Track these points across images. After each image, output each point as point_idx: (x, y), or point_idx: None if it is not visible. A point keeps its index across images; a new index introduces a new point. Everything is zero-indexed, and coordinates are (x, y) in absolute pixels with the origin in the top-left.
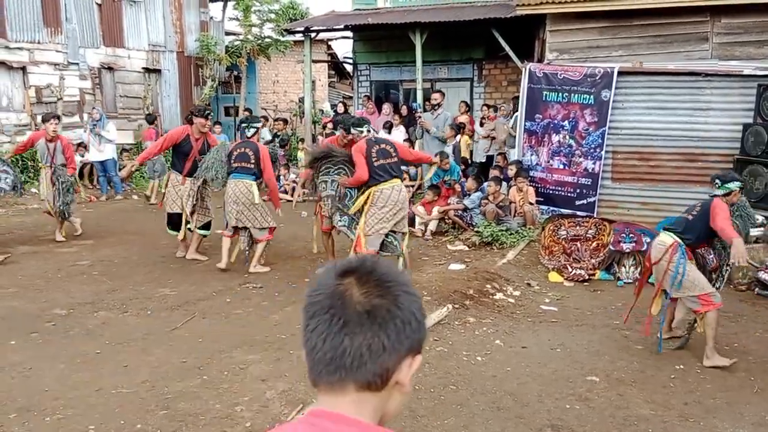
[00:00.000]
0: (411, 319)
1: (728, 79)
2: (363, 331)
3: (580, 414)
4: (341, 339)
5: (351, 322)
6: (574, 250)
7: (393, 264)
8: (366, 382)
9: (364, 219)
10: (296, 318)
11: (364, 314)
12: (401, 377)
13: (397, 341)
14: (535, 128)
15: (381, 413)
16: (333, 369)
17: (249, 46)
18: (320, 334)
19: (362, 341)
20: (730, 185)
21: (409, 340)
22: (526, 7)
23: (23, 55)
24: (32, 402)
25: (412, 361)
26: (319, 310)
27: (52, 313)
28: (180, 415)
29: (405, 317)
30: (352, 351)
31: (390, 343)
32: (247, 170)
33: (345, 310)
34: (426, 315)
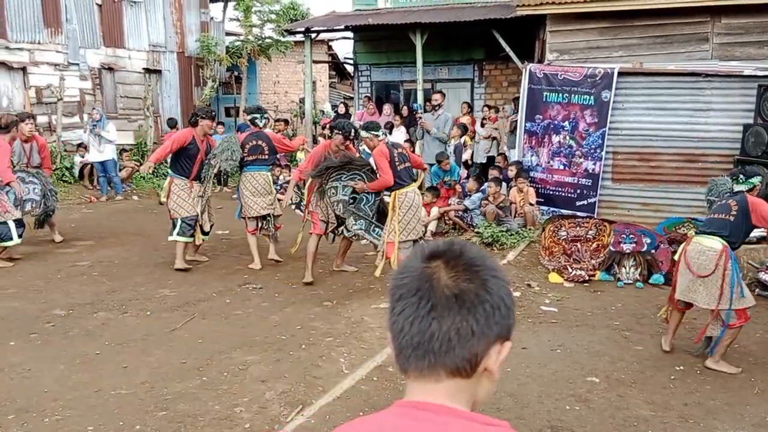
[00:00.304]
0: (500, 305)
1: (728, 80)
2: (451, 315)
3: (580, 415)
4: (429, 322)
5: (439, 306)
6: (575, 251)
7: (482, 249)
8: (455, 368)
9: (397, 226)
10: (296, 319)
11: (452, 298)
12: (490, 364)
13: (486, 326)
14: (535, 129)
15: (472, 401)
16: (421, 354)
17: (249, 46)
18: (407, 318)
19: (450, 325)
20: (753, 180)
21: (498, 325)
22: (527, 7)
23: (23, 55)
24: (31, 403)
25: (501, 348)
26: (407, 293)
27: (51, 313)
28: (179, 416)
29: (494, 302)
30: (440, 335)
31: (479, 328)
32: (263, 162)
33: (433, 293)
34: (515, 302)
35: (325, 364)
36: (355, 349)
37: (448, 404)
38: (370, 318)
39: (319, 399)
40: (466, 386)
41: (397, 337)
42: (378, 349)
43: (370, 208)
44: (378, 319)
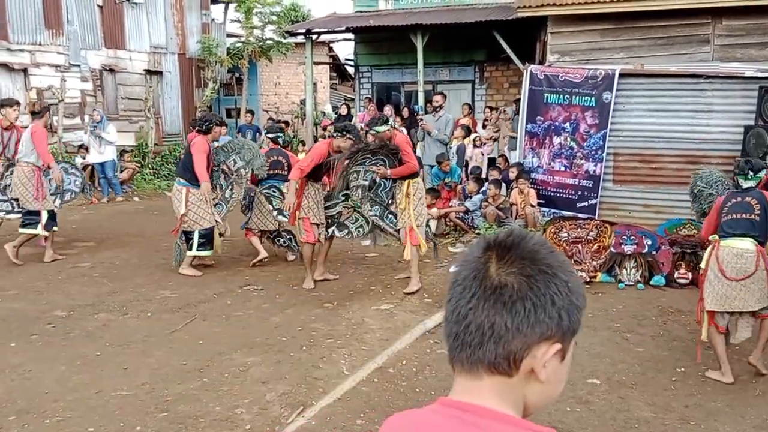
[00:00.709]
0: (545, 303)
1: (730, 81)
2: (487, 307)
3: (581, 417)
4: (466, 313)
5: (478, 297)
6: (576, 252)
7: (545, 242)
8: (492, 365)
9: (413, 211)
10: (297, 320)
11: (491, 290)
12: (535, 365)
13: (523, 324)
14: (536, 130)
15: (521, 404)
16: (459, 345)
17: (250, 48)
18: (452, 306)
19: (485, 318)
20: (761, 174)
21: (541, 325)
22: (527, 9)
23: (24, 56)
24: (32, 404)
25: (548, 349)
26: (456, 282)
27: (52, 315)
28: (180, 418)
29: (537, 300)
30: (474, 327)
31: (513, 325)
32: (282, 177)
33: (477, 284)
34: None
35: (325, 365)
36: (356, 350)
37: (493, 406)
38: (370, 319)
39: (319, 400)
40: (509, 387)
41: (445, 325)
42: (378, 351)
43: (386, 194)
44: (379, 320)
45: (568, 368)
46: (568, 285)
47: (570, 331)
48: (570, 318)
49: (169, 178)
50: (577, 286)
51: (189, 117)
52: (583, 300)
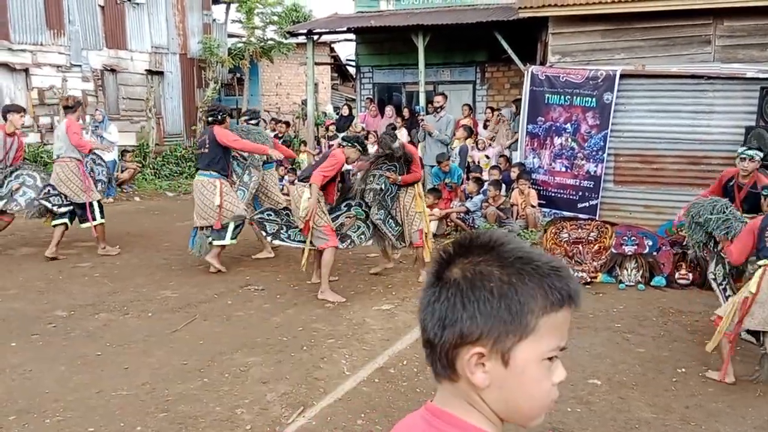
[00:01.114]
0: (458, 305)
1: (731, 82)
2: (421, 308)
3: (581, 417)
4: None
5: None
6: (576, 253)
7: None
8: (432, 368)
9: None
10: (298, 320)
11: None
12: (460, 368)
13: (438, 325)
14: (537, 131)
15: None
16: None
17: (252, 48)
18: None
19: (420, 317)
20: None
21: (456, 327)
22: (529, 9)
23: (26, 56)
24: (32, 404)
25: (467, 352)
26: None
27: (52, 314)
28: (180, 418)
29: (452, 301)
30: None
31: (431, 326)
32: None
33: (430, 287)
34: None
35: (326, 365)
36: (357, 350)
37: (455, 411)
38: (371, 320)
39: (320, 400)
40: (460, 392)
41: None
42: (379, 351)
43: (391, 200)
44: (380, 320)
45: (530, 375)
46: (496, 287)
47: (502, 334)
48: (496, 321)
49: (170, 178)
50: (506, 291)
51: (190, 117)
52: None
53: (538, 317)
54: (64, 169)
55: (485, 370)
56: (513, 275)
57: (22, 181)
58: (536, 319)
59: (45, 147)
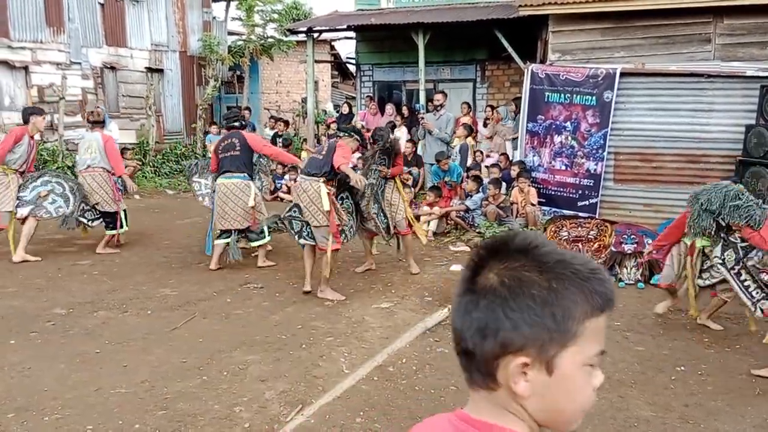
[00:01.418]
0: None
1: (731, 81)
2: (455, 316)
3: None
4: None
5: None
6: (576, 251)
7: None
8: (469, 379)
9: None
10: (297, 318)
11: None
12: (506, 379)
13: (479, 334)
14: (537, 129)
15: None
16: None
17: (252, 46)
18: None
19: (455, 326)
20: None
21: (500, 336)
22: (529, 8)
23: (26, 54)
24: (31, 402)
25: (511, 362)
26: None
27: (52, 312)
28: (179, 416)
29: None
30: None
31: (470, 335)
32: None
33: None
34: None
35: (325, 363)
36: (356, 348)
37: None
38: (371, 318)
39: (319, 398)
40: (499, 400)
41: None
42: (378, 349)
43: (381, 193)
44: (379, 318)
45: (573, 382)
46: (537, 295)
47: (547, 342)
48: (540, 329)
49: (170, 176)
50: (558, 295)
51: (190, 115)
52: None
53: (580, 323)
54: (96, 179)
55: (528, 378)
56: (553, 280)
57: (51, 189)
58: (578, 325)
59: (44, 145)
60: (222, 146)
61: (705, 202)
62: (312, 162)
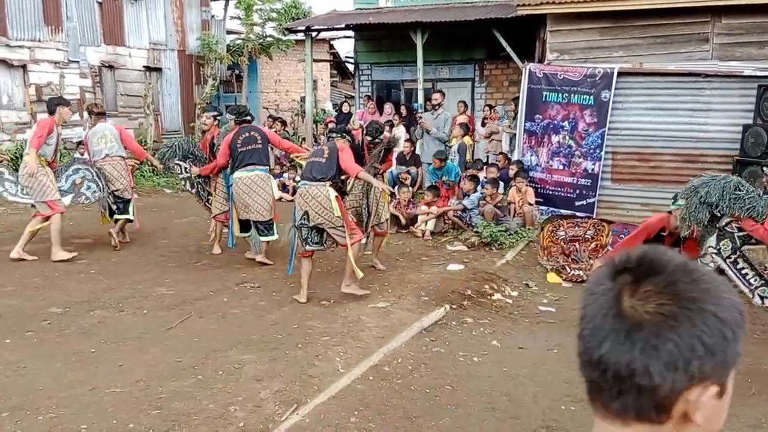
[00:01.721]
0: (694, 344)
1: (728, 80)
2: (623, 351)
3: (575, 415)
4: (599, 358)
5: (611, 339)
6: (573, 251)
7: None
8: (638, 413)
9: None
10: (293, 318)
11: (625, 332)
12: (689, 410)
13: (667, 370)
14: (534, 129)
15: None
16: (596, 390)
17: (250, 45)
18: (585, 344)
19: (622, 365)
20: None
21: (690, 368)
22: (527, 7)
23: (24, 53)
24: (26, 401)
25: (702, 392)
26: (584, 318)
27: (48, 311)
28: (173, 415)
29: (681, 341)
30: (611, 374)
31: (657, 372)
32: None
33: (608, 322)
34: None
35: (320, 363)
36: (352, 348)
37: None
38: (367, 317)
39: (314, 398)
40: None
41: (579, 363)
42: (374, 349)
43: (371, 192)
44: (375, 318)
45: (728, 400)
46: (717, 317)
47: (725, 367)
48: (725, 354)
49: (168, 175)
50: (729, 315)
51: (188, 114)
52: (738, 328)
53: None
54: (116, 167)
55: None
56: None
57: (83, 175)
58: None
59: None
60: (242, 140)
61: (704, 195)
62: (315, 167)
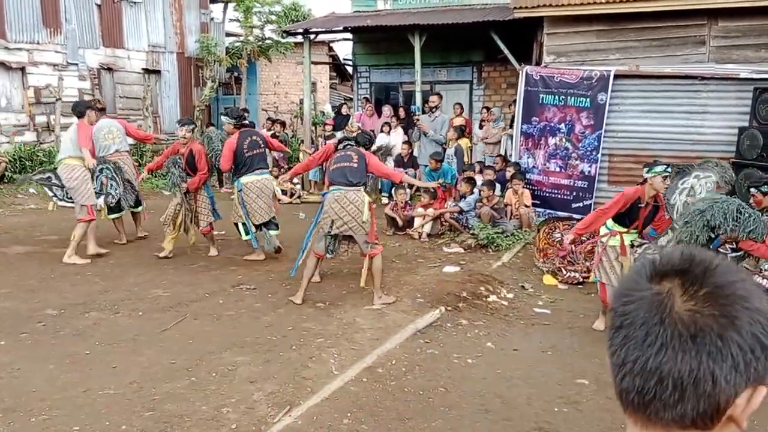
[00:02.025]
0: (754, 345)
1: (724, 83)
2: (686, 358)
3: (568, 417)
4: (657, 365)
5: (670, 346)
6: (569, 253)
7: (731, 266)
8: (692, 420)
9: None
10: (288, 319)
11: (687, 337)
12: (736, 413)
13: (731, 373)
14: (531, 131)
15: None
16: (646, 399)
17: (250, 47)
18: (629, 354)
19: (683, 371)
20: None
21: (749, 369)
22: (523, 10)
23: (22, 55)
24: (19, 402)
25: (753, 393)
26: (630, 323)
27: (43, 313)
28: (166, 417)
29: (744, 342)
30: (671, 382)
31: (722, 375)
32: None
33: (663, 329)
34: None
35: (314, 365)
36: (346, 350)
37: None
38: (362, 319)
39: (307, 400)
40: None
41: (617, 370)
42: (368, 350)
43: None
44: (370, 320)
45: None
46: (765, 318)
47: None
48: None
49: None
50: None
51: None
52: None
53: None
54: (126, 162)
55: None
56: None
57: (107, 174)
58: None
59: (41, 146)
60: (247, 145)
61: (710, 218)
62: (349, 171)
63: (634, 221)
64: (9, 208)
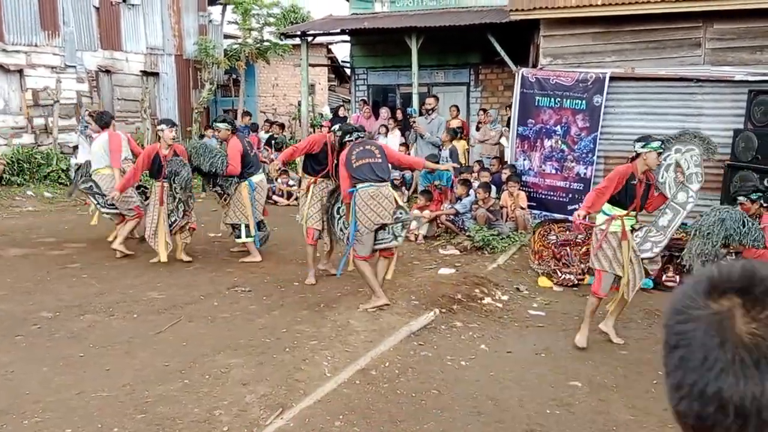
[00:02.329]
0: None
1: (720, 85)
2: (749, 385)
3: (560, 419)
4: (720, 386)
5: (730, 371)
6: (564, 255)
7: None
8: None
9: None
10: (282, 322)
11: (750, 363)
12: None
13: None
14: (527, 133)
15: None
16: (706, 425)
17: (248, 49)
18: (688, 376)
19: (746, 397)
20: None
21: None
22: (520, 12)
23: (20, 57)
24: (12, 405)
25: None
26: (687, 344)
27: (38, 315)
28: (158, 419)
29: None
30: (731, 408)
31: None
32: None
33: (723, 352)
34: None
35: (307, 367)
36: (339, 352)
37: None
38: (356, 321)
39: (299, 402)
40: None
41: (672, 392)
42: (362, 353)
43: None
44: (364, 322)
45: None
46: None
47: None
48: None
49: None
50: None
51: (185, 118)
52: None
53: None
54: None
55: None
56: None
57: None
58: None
59: (39, 148)
60: (248, 146)
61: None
62: (377, 167)
63: (632, 202)
64: (7, 211)
